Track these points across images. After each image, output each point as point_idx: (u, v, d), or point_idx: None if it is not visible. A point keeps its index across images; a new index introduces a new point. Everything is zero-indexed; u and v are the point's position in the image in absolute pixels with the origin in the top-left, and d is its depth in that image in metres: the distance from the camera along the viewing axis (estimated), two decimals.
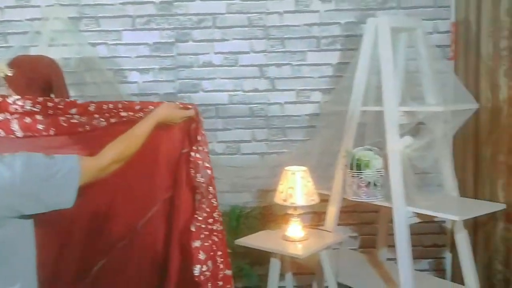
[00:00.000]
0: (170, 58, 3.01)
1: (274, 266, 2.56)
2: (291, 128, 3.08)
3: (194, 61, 3.01)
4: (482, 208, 2.47)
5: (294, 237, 2.55)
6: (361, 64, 2.51)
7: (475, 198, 2.72)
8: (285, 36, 3.00)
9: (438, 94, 2.52)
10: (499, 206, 2.48)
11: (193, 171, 1.87)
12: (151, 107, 1.80)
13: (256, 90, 3.04)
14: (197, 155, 1.87)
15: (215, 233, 1.92)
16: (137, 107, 1.81)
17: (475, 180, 2.79)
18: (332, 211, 2.68)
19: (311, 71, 3.03)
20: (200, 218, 1.87)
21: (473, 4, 2.70)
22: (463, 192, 2.77)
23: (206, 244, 1.87)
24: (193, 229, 1.85)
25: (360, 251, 3.17)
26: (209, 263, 1.87)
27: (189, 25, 2.98)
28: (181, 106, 1.88)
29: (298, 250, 2.46)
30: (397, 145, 2.39)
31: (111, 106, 1.77)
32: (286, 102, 3.06)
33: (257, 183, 3.00)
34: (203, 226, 1.88)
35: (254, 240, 2.60)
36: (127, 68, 3.01)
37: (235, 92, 3.04)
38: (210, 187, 1.89)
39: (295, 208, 2.53)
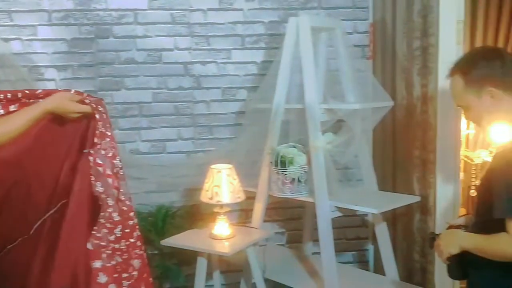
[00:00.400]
0: (89, 54, 2.90)
1: (201, 265, 2.55)
2: (217, 126, 3.07)
3: (115, 58, 2.93)
4: (399, 201, 2.59)
5: (221, 235, 2.54)
6: (283, 62, 2.55)
7: (394, 192, 2.84)
8: (210, 34, 2.99)
9: (357, 92, 2.61)
10: (414, 199, 2.61)
11: (93, 179, 1.68)
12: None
13: (181, 88, 3.01)
14: (98, 160, 1.68)
15: (118, 252, 1.72)
16: (40, 94, 1.66)
17: (393, 174, 2.92)
18: (258, 208, 2.71)
19: (236, 69, 3.04)
20: (99, 235, 1.67)
21: (389, 5, 2.81)
22: (382, 186, 2.89)
23: (108, 265, 1.68)
24: (90, 247, 1.66)
25: (287, 247, 3.22)
26: (112, 287, 1.68)
27: (110, 20, 2.89)
28: (80, 99, 1.69)
29: (224, 248, 2.46)
30: (319, 142, 2.45)
31: (9, 95, 1.65)
32: (212, 100, 3.05)
33: (184, 182, 2.96)
34: (104, 244, 1.68)
35: (180, 240, 2.58)
36: (43, 65, 2.87)
37: (159, 90, 2.99)
38: (110, 199, 1.69)
39: (221, 206, 2.53)
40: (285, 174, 2.50)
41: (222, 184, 2.48)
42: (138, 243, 1.82)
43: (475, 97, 1.66)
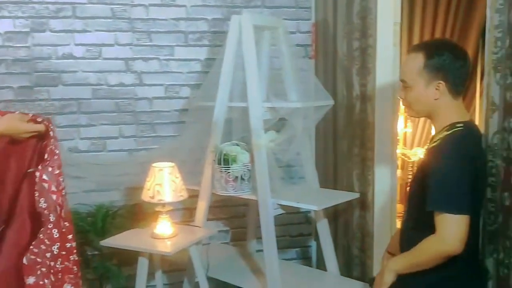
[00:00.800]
0: (25, 48, 2.78)
1: (142, 265, 2.50)
2: (160, 124, 3.02)
3: (52, 53, 2.81)
4: (339, 197, 2.65)
5: (163, 234, 2.51)
6: (226, 60, 2.55)
7: (335, 189, 2.91)
8: (152, 30, 2.93)
9: (300, 91, 2.65)
10: (354, 195, 2.68)
11: (37, 194, 1.68)
12: None
13: (122, 85, 2.94)
14: (44, 177, 1.68)
15: (52, 271, 1.70)
16: None
17: (334, 171, 2.98)
18: (202, 206, 2.69)
19: (179, 66, 3.00)
20: (36, 250, 1.65)
21: (330, 6, 2.87)
22: (324, 183, 2.95)
23: (41, 283, 1.64)
24: (25, 261, 1.63)
25: (232, 245, 3.23)
26: None
27: (46, 14, 2.78)
28: (30, 119, 1.70)
29: (166, 247, 2.43)
30: (261, 140, 2.47)
31: None
32: (154, 97, 3.00)
33: (125, 181, 2.90)
34: (39, 260, 1.65)
35: (120, 240, 2.52)
36: None
37: (99, 86, 2.90)
38: (52, 215, 1.69)
39: (163, 205, 2.50)
40: (228, 172, 2.50)
41: (164, 183, 2.44)
42: (75, 268, 1.81)
43: (424, 83, 1.68)
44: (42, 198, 1.67)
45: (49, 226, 1.68)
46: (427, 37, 3.58)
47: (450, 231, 1.56)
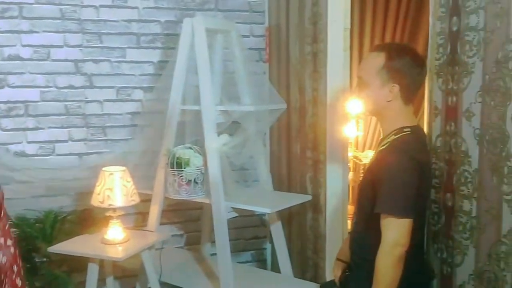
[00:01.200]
0: None
1: (92, 272, 2.45)
2: (111, 127, 2.97)
3: None
4: (292, 200, 2.68)
5: (114, 240, 2.47)
6: (179, 63, 2.53)
7: (289, 191, 2.93)
8: (103, 31, 2.88)
9: (253, 94, 2.66)
10: (306, 198, 2.71)
11: None
12: None
13: (71, 87, 2.87)
14: None
15: None
16: None
17: (288, 174, 3.01)
18: (154, 211, 2.67)
19: (131, 68, 2.96)
20: None
21: (283, 10, 2.90)
22: (278, 186, 2.98)
23: None
24: None
25: (186, 249, 3.20)
26: None
27: None
28: None
29: (117, 253, 2.39)
30: (214, 143, 2.47)
31: None
32: (105, 100, 2.94)
33: (75, 185, 2.83)
34: None
35: (69, 246, 2.46)
36: None
37: (48, 89, 2.82)
38: (15, 266, 1.66)
39: (114, 209, 2.46)
40: (181, 176, 2.48)
41: (114, 187, 2.41)
42: None
43: (380, 82, 1.70)
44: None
45: (13, 277, 1.66)
46: (377, 42, 3.67)
47: (396, 233, 1.60)
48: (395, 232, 1.60)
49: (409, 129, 1.70)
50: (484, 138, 1.57)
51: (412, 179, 1.61)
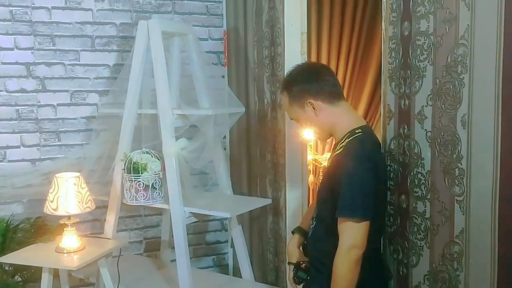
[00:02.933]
0: None
1: (45, 282, 2.36)
2: (66, 132, 2.89)
3: None
4: (252, 204, 2.67)
5: (69, 248, 2.39)
6: (134, 66, 2.49)
7: (249, 195, 2.92)
8: (55, 34, 2.80)
9: (211, 98, 2.65)
10: (266, 201, 2.71)
11: None
12: None
13: (23, 91, 2.77)
14: None
15: None
16: None
17: (248, 178, 3.00)
18: (111, 217, 2.61)
19: (86, 71, 2.89)
20: None
21: (241, 14, 2.89)
22: (239, 190, 2.96)
23: None
24: None
25: (146, 255, 3.15)
26: None
27: None
28: None
29: (72, 262, 2.32)
30: (172, 148, 2.44)
31: None
32: (59, 104, 2.86)
33: (29, 193, 2.73)
34: None
35: (22, 256, 2.37)
36: None
37: None
38: None
39: (69, 217, 2.39)
40: (138, 181, 2.44)
41: (68, 194, 2.33)
42: None
43: (300, 110, 1.80)
44: None
45: None
46: (334, 46, 3.72)
47: (353, 236, 1.61)
48: (352, 235, 1.62)
49: (360, 130, 1.73)
50: (435, 141, 1.60)
51: (370, 181, 1.63)
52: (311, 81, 1.78)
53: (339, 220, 1.64)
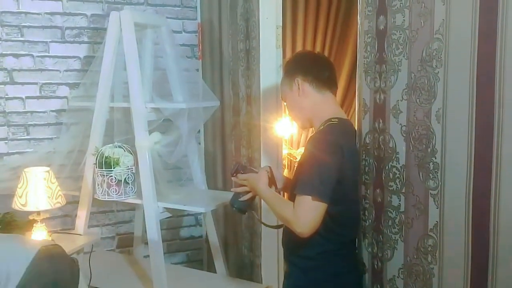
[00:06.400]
0: None
1: None
2: (35, 125, 2.80)
3: None
4: (227, 198, 2.63)
5: None
6: (106, 58, 2.44)
7: (224, 190, 2.90)
8: (24, 24, 2.71)
9: (185, 91, 2.61)
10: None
11: None
12: None
13: None
14: None
15: None
16: None
17: (223, 172, 2.98)
18: (83, 213, 2.56)
19: (56, 63, 2.80)
20: None
21: (215, 6, 2.85)
22: (214, 185, 2.94)
23: None
24: None
25: (118, 251, 3.10)
26: None
27: None
28: None
29: None
30: (145, 142, 2.40)
31: None
32: (28, 97, 2.77)
33: None
34: None
35: None
36: None
37: None
38: None
39: (38, 212, 2.33)
40: (111, 176, 2.39)
41: (37, 189, 2.28)
42: None
43: (288, 87, 1.84)
44: None
45: None
46: (310, 41, 3.72)
47: (305, 214, 1.61)
48: (306, 213, 1.61)
49: (336, 119, 1.75)
50: (410, 135, 1.61)
51: (333, 165, 1.64)
52: (308, 64, 1.84)
53: (296, 196, 1.64)
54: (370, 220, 1.84)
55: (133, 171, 2.43)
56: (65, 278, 1.47)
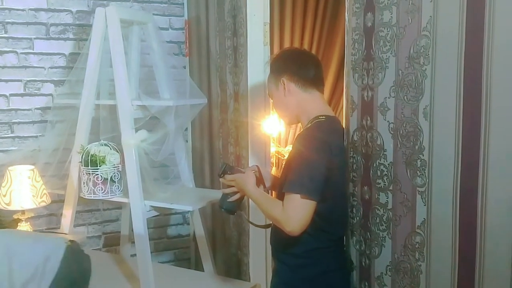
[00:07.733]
0: None
1: None
2: (19, 123, 2.77)
3: None
4: (214, 196, 2.61)
5: None
6: (91, 55, 2.41)
7: (212, 188, 2.88)
8: (7, 20, 2.67)
9: (173, 89, 2.58)
10: None
11: None
12: None
13: None
14: None
15: None
16: None
17: (211, 170, 2.96)
18: (68, 212, 2.53)
19: (40, 60, 2.77)
20: None
21: (202, 3, 2.84)
22: (202, 183, 2.92)
23: None
24: None
25: (105, 250, 3.07)
26: None
27: None
28: None
29: None
30: (132, 140, 2.37)
31: None
32: (12, 94, 2.74)
33: None
34: None
35: None
36: None
37: None
38: None
39: (23, 211, 2.30)
40: (97, 174, 2.36)
41: (22, 188, 2.25)
42: None
43: (274, 86, 1.85)
44: None
45: None
46: (297, 38, 3.72)
47: (294, 212, 1.60)
48: (295, 211, 1.60)
49: (323, 117, 1.76)
50: (398, 132, 1.60)
51: (320, 162, 1.64)
52: (294, 64, 1.82)
53: (285, 195, 1.63)
54: (358, 218, 1.84)
55: (120, 169, 2.40)
56: (86, 273, 1.50)
